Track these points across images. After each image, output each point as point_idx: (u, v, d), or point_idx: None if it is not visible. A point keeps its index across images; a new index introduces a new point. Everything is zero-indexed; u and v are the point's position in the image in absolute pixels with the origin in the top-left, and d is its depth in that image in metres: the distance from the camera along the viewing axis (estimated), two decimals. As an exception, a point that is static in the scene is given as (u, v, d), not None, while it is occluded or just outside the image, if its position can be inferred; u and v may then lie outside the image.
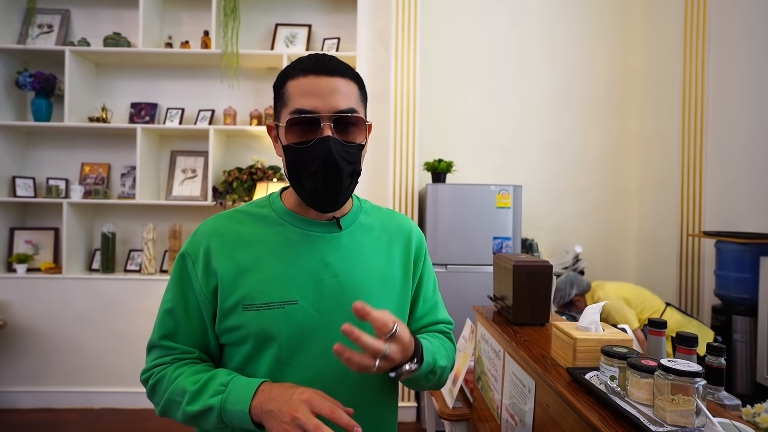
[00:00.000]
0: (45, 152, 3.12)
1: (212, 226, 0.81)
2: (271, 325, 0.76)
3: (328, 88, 0.74)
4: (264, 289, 0.76)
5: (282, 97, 0.77)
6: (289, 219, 0.82)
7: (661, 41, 3.12)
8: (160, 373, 0.78)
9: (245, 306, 0.76)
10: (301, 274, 0.78)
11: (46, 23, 3.03)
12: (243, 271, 0.77)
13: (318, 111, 0.73)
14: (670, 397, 0.68)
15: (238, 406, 0.69)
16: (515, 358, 1.13)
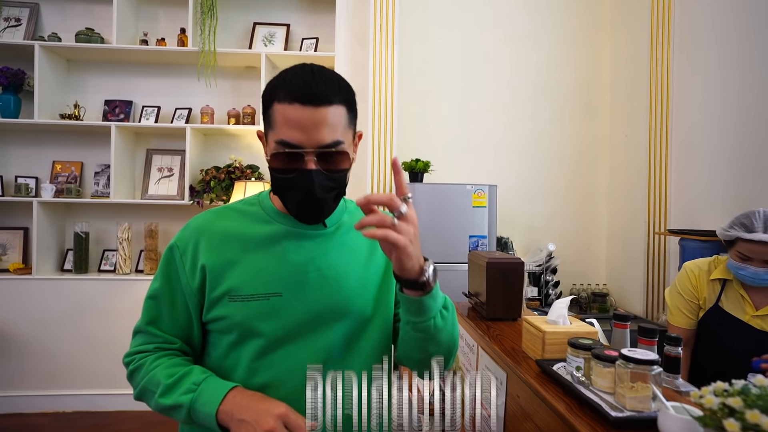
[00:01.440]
0: (13, 150, 3.03)
1: (201, 222, 0.85)
2: (255, 316, 0.79)
3: (313, 120, 0.73)
4: (249, 281, 0.79)
5: (269, 117, 0.78)
6: (277, 217, 0.85)
7: (629, 46, 3.24)
8: (140, 360, 0.81)
9: (231, 297, 0.79)
10: (286, 268, 0.81)
11: (14, 16, 2.94)
12: (230, 264, 0.80)
13: (302, 145, 0.74)
14: (630, 385, 0.73)
15: (206, 408, 0.72)
16: (488, 351, 1.18)
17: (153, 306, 0.84)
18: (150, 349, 0.82)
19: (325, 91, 0.74)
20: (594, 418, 0.73)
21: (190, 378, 0.76)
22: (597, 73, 3.45)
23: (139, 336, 0.85)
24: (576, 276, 3.39)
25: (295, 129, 0.73)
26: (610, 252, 3.42)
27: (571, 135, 3.44)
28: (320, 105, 0.73)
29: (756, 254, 1.38)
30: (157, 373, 0.78)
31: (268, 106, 0.78)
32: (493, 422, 1.07)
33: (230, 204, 0.89)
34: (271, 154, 0.77)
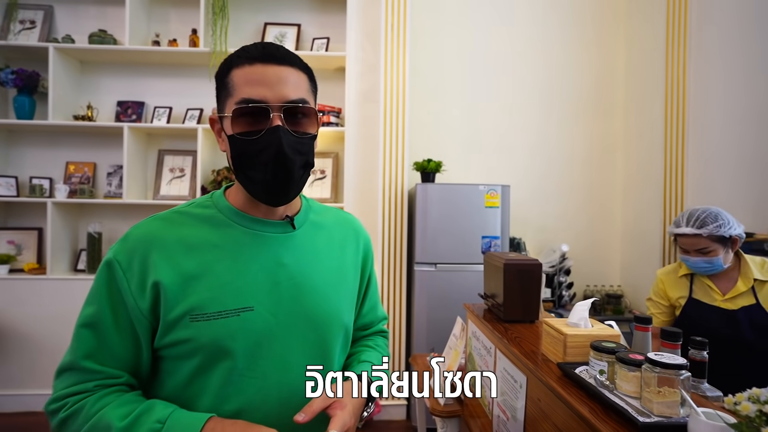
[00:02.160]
0: (28, 151, 3.06)
1: (148, 231, 0.72)
2: (225, 336, 0.69)
3: (277, 76, 0.69)
4: (215, 296, 0.69)
5: (226, 86, 0.71)
6: (238, 219, 0.75)
7: (644, 44, 3.20)
8: (76, 404, 0.66)
9: (194, 317, 0.68)
10: (255, 278, 0.72)
11: (29, 19, 2.97)
12: (190, 279, 0.69)
13: (267, 101, 0.69)
14: (657, 389, 0.71)
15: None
16: (506, 354, 1.16)
17: (89, 336, 0.68)
18: (89, 388, 0.67)
19: (286, 53, 0.73)
20: (620, 422, 0.71)
21: (152, 415, 0.64)
22: (610, 71, 3.40)
23: (70, 375, 0.68)
24: (590, 277, 3.35)
25: (258, 85, 0.69)
26: (624, 253, 3.37)
27: (584, 134, 3.40)
28: (282, 64, 0.71)
29: (687, 245, 1.55)
30: (105, 414, 0.63)
31: (224, 76, 0.72)
32: (512, 424, 1.05)
33: (179, 207, 0.77)
34: (233, 111, 0.69)
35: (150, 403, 0.66)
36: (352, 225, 0.91)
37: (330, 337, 0.79)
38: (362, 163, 2.98)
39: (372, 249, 0.93)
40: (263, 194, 0.73)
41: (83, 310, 0.70)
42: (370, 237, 0.94)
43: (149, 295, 0.68)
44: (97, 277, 0.71)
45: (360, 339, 0.95)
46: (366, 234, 0.93)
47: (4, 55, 2.94)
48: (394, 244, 2.92)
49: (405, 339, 2.92)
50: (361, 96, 3.00)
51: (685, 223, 1.55)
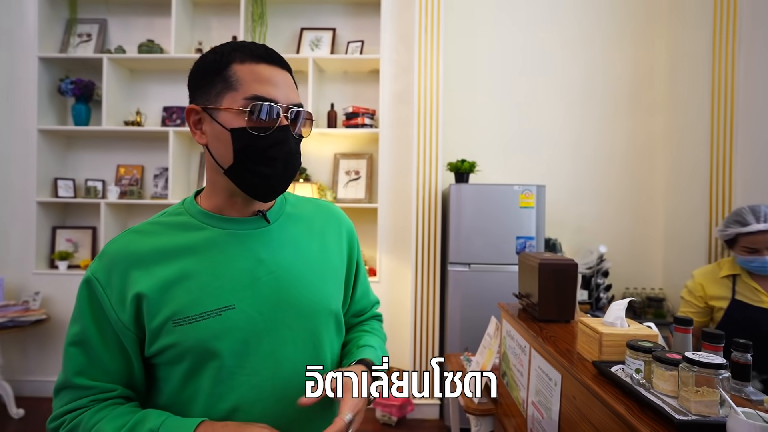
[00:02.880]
0: (84, 155, 3.27)
1: (122, 245, 0.72)
2: (209, 336, 0.69)
3: (282, 80, 0.73)
4: (195, 299, 0.70)
5: (227, 80, 0.71)
6: (210, 221, 0.75)
7: (689, 37, 3.08)
8: (74, 420, 0.68)
9: (176, 321, 0.69)
10: (233, 276, 0.73)
11: (86, 32, 3.18)
12: (168, 286, 0.70)
13: (278, 101, 0.71)
14: (695, 389, 0.71)
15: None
16: (541, 353, 1.16)
17: (78, 353, 0.70)
18: (85, 404, 0.69)
19: (284, 59, 0.76)
20: (656, 420, 0.71)
21: (145, 425, 0.65)
22: (652, 68, 3.30)
23: (66, 393, 0.70)
24: (630, 279, 3.25)
25: (269, 85, 0.70)
26: (667, 255, 3.25)
27: (624, 132, 3.31)
28: (284, 68, 0.74)
29: (760, 244, 1.50)
30: (101, 427, 0.65)
31: (223, 70, 0.71)
32: (547, 422, 1.06)
33: (151, 219, 0.78)
34: (250, 106, 0.69)
35: (144, 413, 0.68)
36: (333, 213, 0.90)
37: (319, 324, 0.79)
38: (396, 164, 3.02)
39: (356, 235, 0.93)
40: (263, 188, 0.73)
41: (69, 329, 0.72)
42: (353, 224, 0.94)
43: (130, 307, 0.69)
44: (78, 296, 0.72)
45: (356, 325, 0.96)
46: (349, 221, 0.93)
47: (64, 67, 3.16)
48: (428, 244, 2.94)
49: (438, 338, 2.93)
50: (395, 97, 3.04)
51: (755, 219, 1.51)
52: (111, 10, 3.21)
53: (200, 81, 0.74)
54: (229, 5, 3.17)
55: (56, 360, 3.03)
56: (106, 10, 3.19)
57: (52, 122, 3.12)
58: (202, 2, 3.23)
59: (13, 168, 3.07)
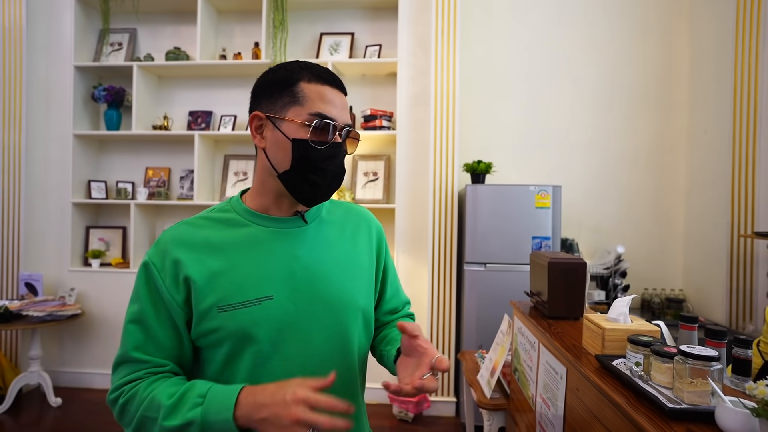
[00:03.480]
0: (115, 158, 3.43)
1: (176, 235, 0.81)
2: (249, 323, 0.76)
3: (341, 103, 0.82)
4: (238, 288, 0.77)
5: (294, 95, 0.79)
6: (254, 219, 0.83)
7: (711, 36, 3.04)
8: (131, 391, 0.74)
9: (220, 308, 0.76)
10: (273, 269, 0.80)
11: (117, 41, 3.34)
12: (215, 275, 0.77)
13: (336, 120, 0.80)
14: (689, 380, 0.74)
15: (221, 415, 0.67)
16: (549, 348, 1.20)
17: (136, 330, 0.77)
18: (140, 376, 0.76)
19: (342, 82, 0.85)
20: (651, 409, 0.75)
21: (194, 392, 0.71)
22: (672, 66, 3.26)
23: (124, 367, 0.77)
24: (649, 280, 3.22)
25: (331, 105, 0.79)
26: (687, 255, 3.22)
27: (643, 132, 3.28)
28: (342, 91, 0.84)
29: None
30: (155, 396, 0.72)
31: (291, 85, 0.79)
32: (553, 412, 1.10)
33: (202, 214, 0.86)
34: (314, 121, 0.77)
35: (192, 382, 0.74)
36: (364, 216, 0.97)
37: (347, 319, 0.84)
38: (413, 165, 3.07)
39: (385, 236, 1.00)
40: (311, 194, 0.81)
41: (129, 309, 0.79)
42: (382, 226, 1.01)
43: (182, 289, 0.77)
44: (137, 278, 0.79)
45: (389, 323, 1.02)
46: (378, 223, 1.00)
47: (97, 75, 3.32)
48: (445, 243, 2.98)
49: (455, 336, 2.97)
50: (413, 100, 3.09)
51: None
52: (141, 20, 3.36)
53: (267, 92, 0.82)
54: (252, 13, 3.28)
55: (90, 353, 3.19)
56: (136, 20, 3.35)
57: (86, 127, 3.29)
58: (225, 10, 3.35)
59: (51, 171, 3.25)
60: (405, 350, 0.79)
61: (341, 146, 0.81)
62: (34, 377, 2.89)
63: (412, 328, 0.76)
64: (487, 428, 1.67)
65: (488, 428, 1.67)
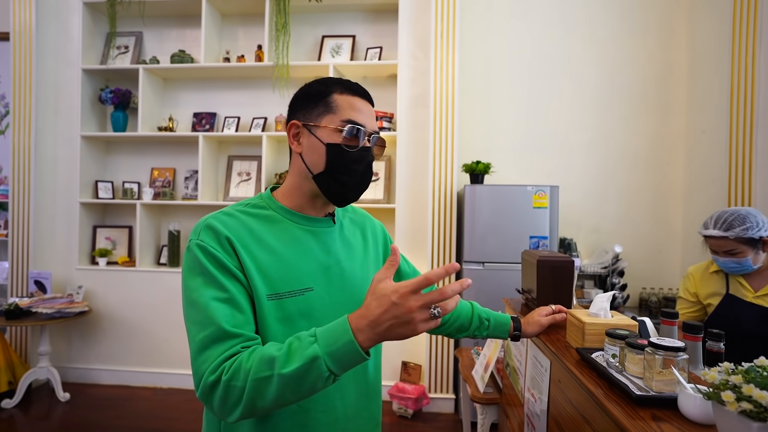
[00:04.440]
0: (121, 158, 3.51)
1: (223, 221, 0.83)
2: (294, 312, 0.82)
3: (369, 112, 0.90)
4: (284, 278, 0.82)
5: (328, 105, 0.86)
6: (290, 217, 0.89)
7: (708, 37, 3.06)
8: (233, 365, 0.70)
9: (269, 296, 0.80)
10: (312, 263, 0.86)
11: (123, 45, 3.41)
12: (262, 264, 0.81)
13: (365, 126, 0.87)
14: (659, 370, 0.79)
15: (341, 340, 0.66)
16: (536, 342, 1.25)
17: (221, 306, 0.75)
18: (237, 350, 0.73)
19: (370, 95, 0.93)
20: (621, 397, 0.79)
21: (301, 337, 0.70)
22: (670, 66, 3.29)
23: (216, 346, 0.73)
24: (647, 279, 3.26)
25: (360, 114, 0.87)
26: (685, 255, 3.24)
27: (641, 133, 3.31)
28: (370, 102, 0.92)
29: (715, 247, 1.60)
30: (263, 356, 0.69)
31: (325, 96, 0.87)
32: (539, 405, 1.15)
33: (237, 207, 0.88)
34: (346, 128, 0.85)
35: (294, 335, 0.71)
36: (368, 217, 1.07)
37: None
38: (413, 166, 3.12)
39: (388, 234, 1.09)
40: (344, 193, 0.88)
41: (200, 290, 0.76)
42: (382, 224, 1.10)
43: (241, 273, 0.79)
44: (194, 261, 0.79)
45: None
46: (380, 223, 1.09)
47: (104, 77, 3.40)
48: (444, 243, 3.03)
49: (454, 335, 3.02)
50: (413, 101, 3.14)
51: (712, 225, 1.59)
52: (146, 24, 3.43)
53: (304, 103, 0.90)
54: (255, 16, 3.34)
55: (97, 349, 3.27)
56: (142, 23, 3.42)
57: (93, 129, 3.36)
58: (229, 14, 3.42)
59: (59, 171, 3.33)
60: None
61: (370, 150, 0.89)
62: (43, 373, 2.97)
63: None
64: (481, 422, 1.72)
65: (482, 422, 1.71)
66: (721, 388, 0.58)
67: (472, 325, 1.14)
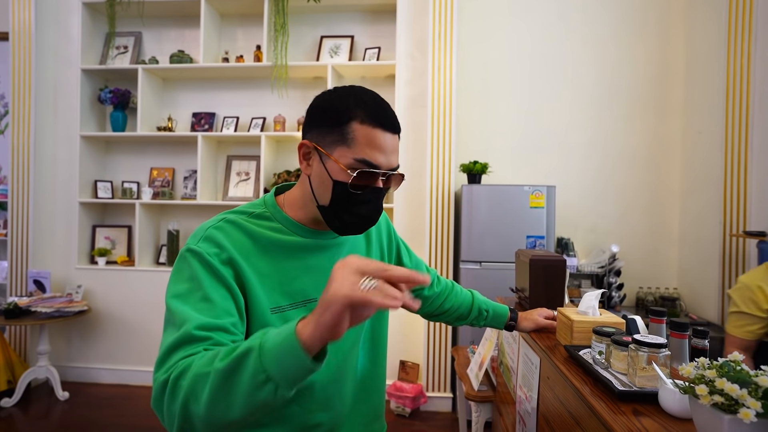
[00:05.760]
0: (121, 158, 3.53)
1: (224, 229, 0.79)
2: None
3: (391, 146, 0.80)
4: (285, 291, 0.80)
5: (344, 134, 0.77)
6: (297, 230, 0.85)
7: (704, 37, 3.08)
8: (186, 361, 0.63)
9: (273, 309, 0.78)
10: (315, 275, 0.84)
11: (123, 45, 3.43)
12: (264, 276, 0.79)
13: (381, 166, 0.78)
14: (642, 366, 0.80)
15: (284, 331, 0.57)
16: (527, 340, 1.26)
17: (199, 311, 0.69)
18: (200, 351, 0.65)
19: (397, 122, 0.82)
20: (605, 393, 0.81)
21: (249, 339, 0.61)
22: (668, 67, 3.30)
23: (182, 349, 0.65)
24: (644, 279, 3.27)
25: (378, 152, 0.77)
26: (681, 255, 3.25)
27: (639, 133, 3.32)
28: (396, 132, 0.81)
29: None
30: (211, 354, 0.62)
31: (342, 123, 0.78)
32: (530, 403, 1.16)
33: (241, 213, 0.84)
34: (355, 169, 0.77)
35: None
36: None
37: (373, 320, 0.93)
38: (411, 166, 3.13)
39: (393, 227, 1.06)
40: (342, 229, 0.82)
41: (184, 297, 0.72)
42: (388, 217, 1.06)
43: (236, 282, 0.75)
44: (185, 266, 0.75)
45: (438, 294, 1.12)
46: (385, 218, 1.05)
47: (103, 77, 3.42)
48: (441, 242, 3.04)
49: (451, 332, 3.03)
50: (410, 101, 3.15)
51: None
52: (146, 24, 3.45)
53: (318, 122, 0.81)
54: (254, 16, 3.36)
55: (96, 348, 3.29)
56: (141, 24, 3.44)
57: (92, 129, 3.38)
58: (228, 14, 3.43)
59: (59, 171, 3.35)
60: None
61: (381, 191, 0.81)
62: (42, 372, 2.99)
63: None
64: (475, 419, 1.73)
65: (476, 419, 1.73)
66: (696, 382, 0.60)
67: (471, 315, 1.16)
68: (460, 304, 1.16)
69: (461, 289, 1.19)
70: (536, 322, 1.20)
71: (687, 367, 0.62)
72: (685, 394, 0.61)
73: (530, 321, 1.21)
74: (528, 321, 1.21)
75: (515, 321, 1.18)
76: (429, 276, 0.62)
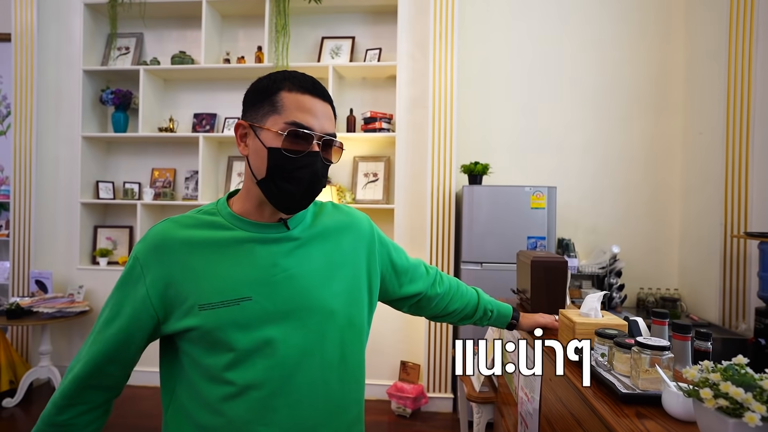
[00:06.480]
0: (122, 159, 3.53)
1: (162, 231, 0.83)
2: (228, 322, 0.79)
3: (321, 111, 0.82)
4: (218, 288, 0.79)
5: (274, 104, 0.80)
6: (238, 223, 0.84)
7: (705, 37, 3.08)
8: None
9: (201, 306, 0.78)
10: (252, 272, 0.82)
11: (124, 46, 3.44)
12: (197, 274, 0.80)
13: (313, 129, 0.80)
14: (645, 368, 0.81)
15: None
16: (529, 342, 1.27)
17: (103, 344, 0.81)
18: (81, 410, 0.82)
19: (327, 92, 0.86)
20: (608, 395, 0.81)
21: None
22: (669, 67, 3.30)
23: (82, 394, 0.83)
24: (644, 280, 3.27)
25: (308, 114, 0.80)
26: (682, 255, 3.26)
27: (640, 133, 3.32)
28: (325, 100, 0.84)
29: None
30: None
31: (271, 95, 0.81)
32: (531, 404, 1.16)
33: (189, 213, 0.87)
34: (286, 131, 0.79)
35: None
36: (349, 215, 0.98)
37: (320, 321, 0.85)
38: (412, 167, 3.14)
39: (377, 229, 1.01)
40: (286, 202, 0.82)
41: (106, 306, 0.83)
42: (370, 219, 1.01)
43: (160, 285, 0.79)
44: (123, 273, 0.82)
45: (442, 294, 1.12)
46: (366, 219, 1.00)
47: (105, 78, 3.42)
48: (442, 243, 3.04)
49: (452, 333, 3.03)
50: (411, 102, 3.16)
51: None
52: (147, 25, 3.45)
53: (252, 101, 0.84)
54: (255, 17, 3.36)
55: (97, 348, 3.28)
56: (142, 25, 3.44)
57: (94, 129, 3.39)
58: (229, 15, 3.44)
59: (61, 172, 3.36)
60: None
61: (318, 156, 0.81)
62: (44, 372, 2.99)
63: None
64: (477, 420, 1.74)
65: (477, 420, 1.73)
66: (701, 385, 0.60)
67: (476, 315, 1.16)
68: (465, 305, 1.15)
69: (467, 289, 1.17)
70: (535, 320, 1.22)
71: (691, 370, 0.62)
72: (690, 397, 0.62)
73: (530, 320, 1.22)
74: (528, 319, 1.23)
75: (517, 320, 1.19)
76: None
